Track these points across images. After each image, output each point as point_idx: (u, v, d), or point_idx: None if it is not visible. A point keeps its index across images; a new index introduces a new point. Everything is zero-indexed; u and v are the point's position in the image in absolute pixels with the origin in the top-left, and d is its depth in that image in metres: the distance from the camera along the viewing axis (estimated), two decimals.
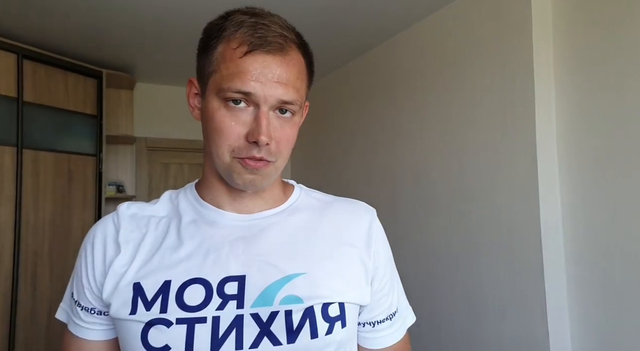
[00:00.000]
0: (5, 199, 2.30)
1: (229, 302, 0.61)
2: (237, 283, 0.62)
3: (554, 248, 1.69)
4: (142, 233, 0.68)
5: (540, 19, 1.73)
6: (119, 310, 0.62)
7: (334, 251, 0.69)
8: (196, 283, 0.62)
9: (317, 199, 0.76)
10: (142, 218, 0.69)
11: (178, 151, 3.60)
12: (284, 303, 0.62)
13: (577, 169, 1.67)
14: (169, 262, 0.64)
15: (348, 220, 0.73)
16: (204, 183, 0.72)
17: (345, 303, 0.66)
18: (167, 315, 0.60)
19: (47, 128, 2.57)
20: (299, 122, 0.68)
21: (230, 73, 0.61)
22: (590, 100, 1.63)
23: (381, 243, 0.74)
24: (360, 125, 2.84)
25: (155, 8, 2.17)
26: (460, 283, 2.04)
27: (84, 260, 0.68)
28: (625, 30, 1.52)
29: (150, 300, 0.61)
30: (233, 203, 0.69)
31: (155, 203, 0.73)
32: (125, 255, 0.66)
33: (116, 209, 0.71)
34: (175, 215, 0.70)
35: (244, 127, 0.62)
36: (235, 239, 0.66)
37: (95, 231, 0.69)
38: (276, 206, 0.72)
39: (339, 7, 2.16)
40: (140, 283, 0.63)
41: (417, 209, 2.31)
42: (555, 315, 1.66)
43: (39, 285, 2.45)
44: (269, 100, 0.61)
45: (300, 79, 0.65)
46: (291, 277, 0.64)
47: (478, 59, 1.96)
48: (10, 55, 2.36)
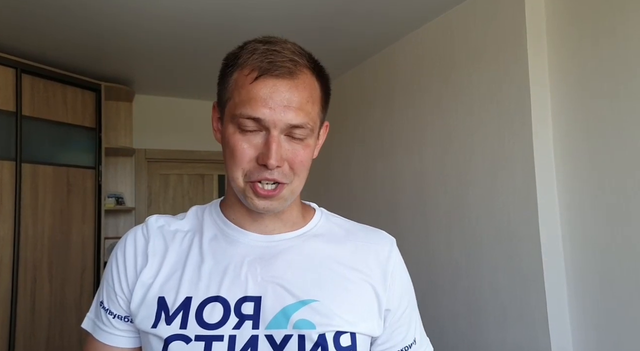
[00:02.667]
0: (4, 213, 2.30)
1: (245, 322, 0.63)
2: (253, 303, 0.64)
3: (553, 255, 1.69)
4: (168, 247, 0.70)
5: (534, 27, 1.74)
6: (143, 321, 0.65)
7: (348, 281, 0.69)
8: (215, 302, 0.64)
9: (338, 225, 0.77)
10: (169, 232, 0.72)
11: (177, 162, 3.61)
12: (297, 327, 0.63)
13: (575, 176, 1.67)
14: (191, 279, 0.66)
15: (366, 251, 0.73)
16: (227, 203, 0.74)
17: (357, 333, 0.66)
18: (187, 331, 0.62)
19: (45, 142, 2.57)
20: (314, 143, 0.69)
21: (242, 100, 0.63)
22: (586, 106, 1.64)
23: (398, 275, 0.74)
24: (358, 134, 2.84)
25: (153, 20, 2.18)
26: (461, 291, 2.03)
27: (116, 268, 0.70)
28: (618, 38, 1.53)
29: (172, 315, 0.64)
30: (253, 223, 0.71)
31: (182, 218, 0.75)
32: (153, 267, 0.68)
33: (145, 221, 0.74)
34: (199, 231, 0.72)
35: (256, 150, 0.63)
36: (254, 259, 0.68)
37: (126, 241, 0.72)
38: (295, 229, 0.73)
39: (335, 15, 2.18)
40: (164, 297, 0.65)
41: (416, 217, 2.31)
42: (556, 322, 1.65)
43: (38, 298, 2.44)
44: (278, 124, 0.62)
45: (311, 102, 0.65)
46: (305, 302, 0.65)
47: (475, 68, 1.97)
48: (9, 69, 2.38)
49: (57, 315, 2.53)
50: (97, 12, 2.07)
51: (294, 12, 2.11)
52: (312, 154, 0.69)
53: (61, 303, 2.56)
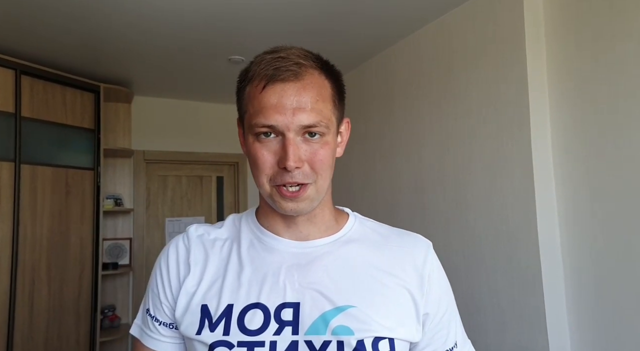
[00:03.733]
0: (3, 214, 2.30)
1: (285, 328, 0.64)
2: (292, 309, 0.66)
3: (552, 258, 1.70)
4: (208, 255, 0.72)
5: (533, 30, 1.76)
6: (188, 328, 0.67)
7: (385, 286, 0.69)
8: (256, 308, 0.66)
9: (372, 229, 0.78)
10: (208, 240, 0.74)
11: (175, 163, 3.61)
12: (336, 334, 0.64)
13: (573, 178, 1.68)
14: (232, 286, 0.68)
15: (402, 255, 0.73)
16: (261, 211, 0.76)
17: (395, 339, 0.66)
18: (230, 337, 0.64)
19: (44, 143, 2.57)
20: (333, 141, 0.70)
21: (255, 110, 0.66)
22: (584, 109, 1.65)
23: (435, 278, 0.74)
24: (358, 134, 2.85)
25: (152, 22, 2.19)
26: (459, 293, 2.02)
27: (160, 278, 0.73)
28: (616, 41, 1.54)
29: (215, 322, 0.66)
30: (288, 229, 0.72)
31: (220, 226, 0.77)
32: (195, 276, 0.70)
33: (186, 230, 0.77)
34: (236, 239, 0.74)
35: (275, 155, 0.65)
36: (291, 266, 0.69)
37: (169, 250, 0.75)
38: (330, 234, 0.74)
39: (334, 17, 2.19)
40: (207, 305, 0.68)
41: (415, 218, 2.32)
42: (554, 324, 1.66)
43: (37, 299, 2.43)
44: (291, 127, 0.64)
45: (321, 100, 0.67)
46: (342, 309, 0.65)
47: (474, 70, 1.98)
48: (9, 71, 2.38)
49: (56, 316, 2.53)
50: (96, 14, 2.08)
51: (293, 14, 2.12)
52: (334, 152, 0.70)
53: (60, 305, 2.55)
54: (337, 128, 0.72)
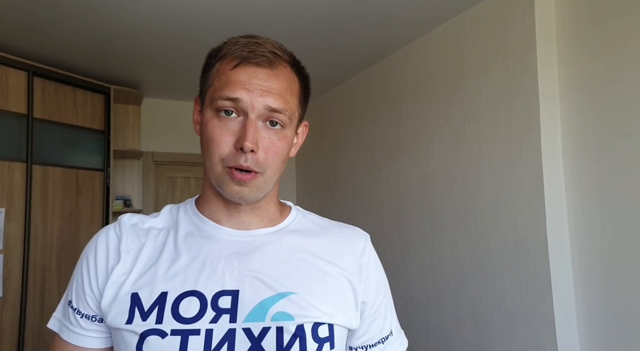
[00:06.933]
0: (14, 214, 2.33)
1: (222, 316, 0.63)
2: (230, 297, 0.64)
3: (561, 262, 1.68)
4: (142, 244, 0.69)
5: (544, 33, 1.75)
6: (116, 318, 0.64)
7: (325, 274, 0.70)
8: (192, 296, 0.64)
9: (313, 222, 0.78)
10: (142, 229, 0.71)
11: (184, 165, 3.63)
12: (276, 320, 0.63)
13: (583, 183, 1.67)
14: (166, 274, 0.65)
15: (341, 245, 0.74)
16: (203, 198, 0.74)
17: (335, 325, 0.67)
18: (163, 326, 0.62)
19: (56, 144, 2.61)
20: (291, 136, 0.70)
21: (222, 84, 0.65)
22: (595, 113, 1.63)
23: (373, 267, 0.75)
24: (365, 139, 2.85)
25: (162, 24, 2.21)
26: (467, 297, 2.02)
27: (87, 267, 0.69)
28: (628, 44, 1.53)
29: (147, 311, 0.63)
30: (230, 218, 0.71)
31: (155, 216, 0.74)
32: (125, 265, 0.67)
33: (118, 219, 0.73)
34: (173, 227, 0.72)
35: (233, 136, 0.64)
36: (231, 254, 0.68)
37: (98, 239, 0.71)
38: (272, 225, 0.73)
39: (343, 19, 2.19)
40: (138, 293, 0.64)
41: (423, 223, 2.31)
42: (563, 329, 1.64)
43: (47, 299, 2.46)
44: (256, 107, 0.63)
45: (290, 92, 0.67)
46: (283, 295, 0.65)
47: (484, 74, 1.98)
48: (21, 72, 2.41)
49: None
50: (107, 16, 2.10)
51: (301, 16, 2.13)
52: (289, 148, 0.70)
53: None
54: (296, 126, 0.72)
